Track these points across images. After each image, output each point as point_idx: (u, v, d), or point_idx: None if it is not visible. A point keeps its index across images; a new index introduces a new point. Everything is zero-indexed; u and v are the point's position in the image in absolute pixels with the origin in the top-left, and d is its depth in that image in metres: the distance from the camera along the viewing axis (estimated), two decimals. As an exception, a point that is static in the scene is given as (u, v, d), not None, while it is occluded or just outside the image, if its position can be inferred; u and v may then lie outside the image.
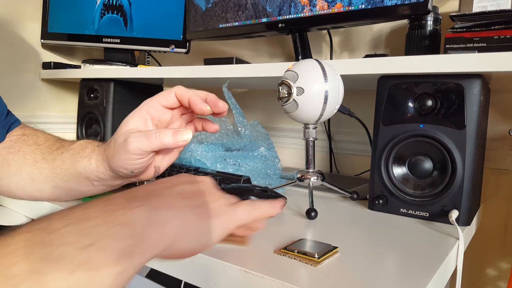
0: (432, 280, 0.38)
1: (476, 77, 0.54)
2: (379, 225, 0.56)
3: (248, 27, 0.90)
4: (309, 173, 0.60)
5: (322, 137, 1.03)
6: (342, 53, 1.01)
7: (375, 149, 0.62)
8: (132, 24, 1.11)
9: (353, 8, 0.74)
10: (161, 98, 0.47)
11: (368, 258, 0.43)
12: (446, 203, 0.56)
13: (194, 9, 1.00)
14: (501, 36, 0.59)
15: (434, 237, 0.51)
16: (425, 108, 0.58)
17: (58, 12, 1.19)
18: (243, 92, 1.21)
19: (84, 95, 1.09)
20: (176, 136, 0.44)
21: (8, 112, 0.58)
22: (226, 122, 0.78)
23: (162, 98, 0.47)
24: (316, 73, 0.53)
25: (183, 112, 0.50)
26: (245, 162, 0.74)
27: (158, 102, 0.47)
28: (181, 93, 0.47)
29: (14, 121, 0.58)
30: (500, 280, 0.82)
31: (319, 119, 0.56)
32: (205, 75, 0.83)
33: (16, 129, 0.57)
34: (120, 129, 0.47)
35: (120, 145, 0.45)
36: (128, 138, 0.44)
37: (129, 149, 0.44)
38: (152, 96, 0.49)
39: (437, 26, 0.75)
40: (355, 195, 0.68)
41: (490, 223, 0.81)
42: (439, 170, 0.58)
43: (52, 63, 1.18)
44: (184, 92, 0.47)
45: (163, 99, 0.47)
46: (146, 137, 0.44)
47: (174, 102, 0.48)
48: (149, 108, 0.47)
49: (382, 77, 0.62)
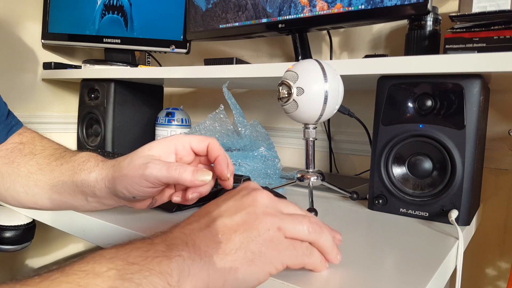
0: (432, 280, 0.38)
1: (476, 77, 0.54)
2: (379, 225, 0.56)
3: (248, 27, 0.90)
4: (309, 173, 0.61)
5: (322, 137, 1.03)
6: (342, 53, 1.01)
7: (375, 149, 0.62)
8: (132, 25, 1.11)
9: (353, 9, 0.74)
10: (194, 141, 0.46)
11: (368, 257, 0.43)
12: (446, 203, 0.56)
13: (194, 9, 1.00)
14: (501, 36, 0.59)
15: (434, 237, 0.51)
16: (425, 108, 0.58)
17: (58, 12, 1.19)
18: (243, 92, 1.21)
19: (85, 95, 1.10)
20: (195, 174, 0.42)
21: (9, 113, 0.57)
22: (226, 122, 0.79)
23: (194, 141, 0.46)
24: (316, 73, 0.54)
25: (203, 162, 0.49)
26: (245, 162, 0.74)
27: (189, 143, 0.46)
28: (214, 148, 0.46)
29: (16, 124, 0.57)
30: (500, 279, 0.82)
31: (319, 119, 0.56)
32: (205, 75, 0.83)
33: (14, 135, 0.56)
34: (141, 151, 0.45)
35: (137, 167, 0.43)
36: (149, 162, 0.42)
37: (145, 174, 0.42)
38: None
39: (437, 26, 0.75)
40: (355, 195, 0.68)
41: (489, 223, 0.81)
42: (438, 170, 0.58)
43: (52, 63, 1.18)
44: (217, 148, 0.46)
45: (195, 143, 0.46)
46: (166, 167, 0.42)
47: (203, 150, 0.46)
48: (178, 144, 0.46)
49: (382, 77, 0.62)
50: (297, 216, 0.35)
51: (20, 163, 0.52)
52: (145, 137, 1.14)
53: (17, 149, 0.54)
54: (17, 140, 0.55)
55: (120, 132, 1.07)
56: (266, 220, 0.33)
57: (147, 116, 1.14)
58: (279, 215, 0.34)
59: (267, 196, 0.35)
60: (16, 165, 0.52)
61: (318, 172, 0.61)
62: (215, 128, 0.78)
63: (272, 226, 0.33)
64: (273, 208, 0.35)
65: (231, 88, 1.14)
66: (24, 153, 0.53)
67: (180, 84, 1.20)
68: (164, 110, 1.09)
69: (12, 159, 0.52)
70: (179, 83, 1.17)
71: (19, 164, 0.52)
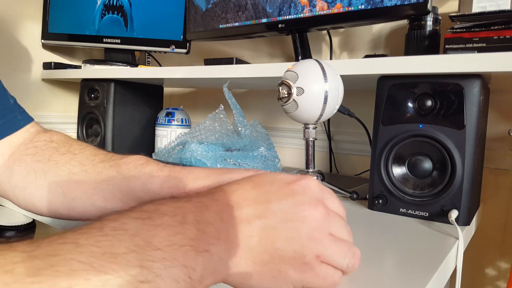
0: (432, 279, 0.38)
1: (476, 77, 0.54)
2: (379, 225, 0.56)
3: (248, 27, 0.90)
4: (309, 173, 0.61)
5: (322, 137, 1.03)
6: (342, 53, 1.01)
7: (375, 149, 0.62)
8: (132, 25, 1.11)
9: (353, 9, 0.74)
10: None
11: (368, 257, 0.43)
12: (446, 203, 0.56)
13: (194, 9, 1.00)
14: (501, 36, 0.59)
15: (434, 237, 0.51)
16: (425, 108, 0.58)
17: (58, 12, 1.19)
18: (243, 92, 1.21)
19: (85, 95, 1.10)
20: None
21: (15, 102, 0.53)
22: (226, 122, 0.79)
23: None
24: (316, 73, 0.54)
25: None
26: (245, 162, 0.74)
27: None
28: None
29: (28, 117, 0.52)
30: (500, 279, 0.82)
31: (319, 119, 0.56)
32: (205, 75, 0.83)
33: (40, 134, 0.49)
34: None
35: None
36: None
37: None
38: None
39: (437, 26, 0.75)
40: (355, 195, 0.68)
41: (489, 223, 0.81)
42: (438, 170, 0.58)
43: (52, 63, 1.18)
44: None
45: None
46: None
47: None
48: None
49: (382, 77, 0.62)
50: (342, 247, 0.32)
51: (59, 162, 0.45)
52: (145, 137, 1.14)
53: (50, 147, 0.47)
54: (46, 138, 0.49)
55: (120, 132, 1.07)
56: (309, 245, 0.30)
57: (147, 116, 1.14)
58: (323, 241, 0.31)
59: (321, 212, 0.31)
60: (54, 163, 0.45)
61: (318, 172, 0.61)
62: (215, 128, 0.78)
63: (310, 253, 0.30)
64: (321, 230, 0.31)
65: (231, 88, 1.14)
66: (61, 152, 0.47)
67: (180, 84, 1.20)
68: (164, 110, 1.09)
69: (48, 157, 0.46)
70: (179, 83, 1.17)
71: (57, 162, 0.45)
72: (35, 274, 0.20)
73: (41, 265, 0.20)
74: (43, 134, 0.50)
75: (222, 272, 0.27)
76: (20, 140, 0.49)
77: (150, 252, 0.23)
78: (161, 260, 0.24)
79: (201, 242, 0.26)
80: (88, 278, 0.21)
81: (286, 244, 0.29)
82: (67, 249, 0.21)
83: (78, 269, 0.21)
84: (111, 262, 0.22)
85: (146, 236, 0.24)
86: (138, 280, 0.22)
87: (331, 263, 0.31)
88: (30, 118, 0.52)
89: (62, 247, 0.21)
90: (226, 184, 0.32)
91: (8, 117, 0.50)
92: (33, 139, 0.49)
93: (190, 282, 0.25)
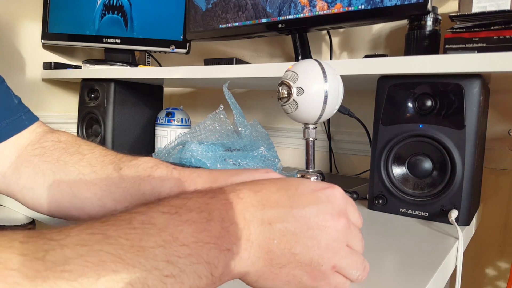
0: (432, 279, 0.38)
1: (476, 77, 0.54)
2: (379, 225, 0.56)
3: (248, 27, 0.90)
4: (309, 173, 0.61)
5: (322, 137, 1.03)
6: (342, 53, 1.01)
7: (375, 149, 0.62)
8: (132, 25, 1.11)
9: (353, 9, 0.74)
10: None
11: (368, 257, 0.43)
12: (446, 203, 0.56)
13: (194, 9, 1.00)
14: (501, 36, 0.59)
15: (434, 236, 0.51)
16: (425, 108, 0.58)
17: (58, 12, 1.19)
18: (243, 92, 1.21)
19: (85, 95, 1.10)
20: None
21: (20, 102, 0.52)
22: (226, 122, 0.79)
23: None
24: (316, 73, 0.54)
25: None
26: (245, 162, 0.74)
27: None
28: None
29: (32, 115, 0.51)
30: (500, 279, 0.82)
31: (319, 119, 0.56)
32: (205, 75, 0.83)
33: (48, 134, 0.49)
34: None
35: None
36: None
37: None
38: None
39: (437, 26, 0.75)
40: (355, 195, 0.68)
41: (489, 223, 0.81)
42: (438, 170, 0.58)
43: (52, 63, 1.18)
44: None
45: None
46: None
47: None
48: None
49: (382, 77, 0.62)
50: (356, 260, 0.33)
51: (68, 163, 0.45)
52: (145, 137, 1.14)
53: (59, 148, 0.47)
54: (54, 139, 0.49)
55: (120, 132, 1.07)
56: (327, 255, 0.30)
57: (147, 116, 1.14)
58: (340, 252, 0.31)
59: (343, 224, 0.32)
60: (63, 164, 0.45)
61: (318, 172, 0.61)
62: (215, 128, 0.78)
63: (327, 263, 0.31)
64: (340, 242, 0.31)
65: (231, 88, 1.14)
66: (70, 152, 0.46)
67: (180, 84, 1.20)
68: (164, 110, 1.09)
69: (56, 158, 0.46)
70: (179, 83, 1.17)
71: (66, 163, 0.45)
72: (65, 263, 0.20)
73: (71, 254, 0.20)
74: (51, 135, 0.50)
75: (240, 270, 0.28)
76: (27, 141, 0.49)
77: (176, 248, 0.24)
78: (187, 256, 0.24)
79: (225, 241, 0.27)
80: (116, 270, 0.21)
81: (305, 251, 0.30)
82: (96, 240, 0.22)
83: (107, 261, 0.21)
84: (139, 255, 0.22)
85: (173, 231, 0.24)
86: (164, 274, 0.23)
87: (344, 274, 0.32)
88: (35, 117, 0.52)
89: (90, 237, 0.22)
90: (251, 182, 0.32)
91: (13, 118, 0.50)
92: (40, 139, 0.49)
93: (212, 279, 0.26)
